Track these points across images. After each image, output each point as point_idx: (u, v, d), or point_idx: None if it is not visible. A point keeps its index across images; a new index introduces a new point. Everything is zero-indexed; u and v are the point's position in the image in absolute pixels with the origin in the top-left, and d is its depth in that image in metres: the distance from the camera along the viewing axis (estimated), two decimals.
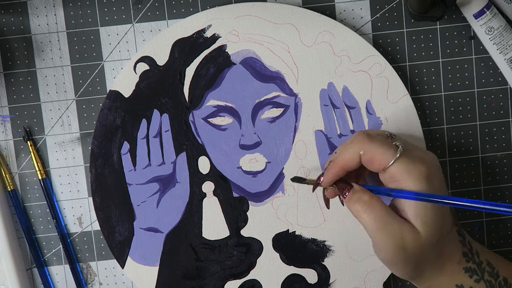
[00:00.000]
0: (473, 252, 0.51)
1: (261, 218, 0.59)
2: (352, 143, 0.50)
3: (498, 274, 0.51)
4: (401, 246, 0.48)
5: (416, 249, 0.48)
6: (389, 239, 0.48)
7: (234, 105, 0.58)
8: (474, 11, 0.56)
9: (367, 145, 0.49)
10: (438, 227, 0.49)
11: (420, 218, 0.48)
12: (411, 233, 0.48)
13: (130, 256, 0.59)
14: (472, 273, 0.50)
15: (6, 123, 0.60)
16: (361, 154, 0.50)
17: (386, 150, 0.49)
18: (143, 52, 0.58)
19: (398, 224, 0.48)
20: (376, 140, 0.50)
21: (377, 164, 0.49)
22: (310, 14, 0.58)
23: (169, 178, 0.59)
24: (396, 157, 0.48)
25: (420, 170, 0.48)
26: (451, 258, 0.50)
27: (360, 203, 0.49)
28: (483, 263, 0.51)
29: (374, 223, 0.49)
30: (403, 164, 0.48)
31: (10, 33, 0.60)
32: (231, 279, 0.59)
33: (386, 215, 0.49)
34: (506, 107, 0.60)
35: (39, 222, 0.60)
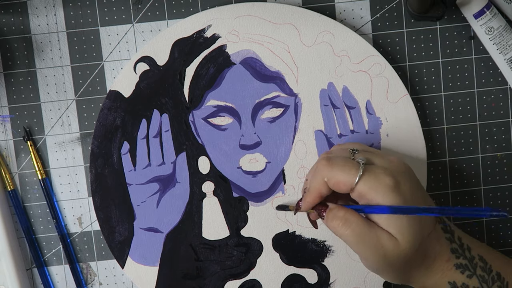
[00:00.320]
0: (464, 248, 0.51)
1: (261, 218, 0.59)
2: (316, 171, 0.51)
3: (491, 269, 0.51)
4: (382, 254, 0.49)
5: (398, 256, 0.49)
6: (370, 250, 0.49)
7: (234, 105, 0.58)
8: (474, 11, 0.56)
9: (328, 171, 0.50)
10: (416, 233, 0.49)
11: (394, 228, 0.48)
12: (390, 241, 0.48)
13: (130, 256, 0.59)
14: (463, 269, 0.50)
15: (6, 123, 0.60)
16: (326, 180, 0.50)
17: (348, 171, 0.49)
18: (143, 52, 0.58)
19: (375, 234, 0.49)
20: (336, 163, 0.50)
21: (343, 187, 0.49)
22: (310, 14, 0.58)
23: (169, 178, 0.59)
24: (359, 175, 0.49)
25: (385, 183, 0.48)
26: (439, 257, 0.50)
27: (336, 220, 0.50)
28: (475, 258, 0.51)
29: (352, 236, 0.49)
30: (368, 180, 0.49)
31: (10, 33, 0.60)
32: (231, 279, 0.59)
33: (363, 227, 0.49)
34: (506, 107, 0.60)
35: (39, 222, 0.60)
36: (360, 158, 0.50)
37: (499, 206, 0.60)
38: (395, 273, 0.50)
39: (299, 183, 0.59)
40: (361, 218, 0.49)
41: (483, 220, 0.61)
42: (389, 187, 0.48)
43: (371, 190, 0.48)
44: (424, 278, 0.51)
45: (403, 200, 0.48)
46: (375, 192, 0.48)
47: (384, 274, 0.51)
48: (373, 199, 0.48)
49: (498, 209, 0.44)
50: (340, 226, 0.49)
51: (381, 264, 0.49)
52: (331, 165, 0.50)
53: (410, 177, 0.51)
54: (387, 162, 0.51)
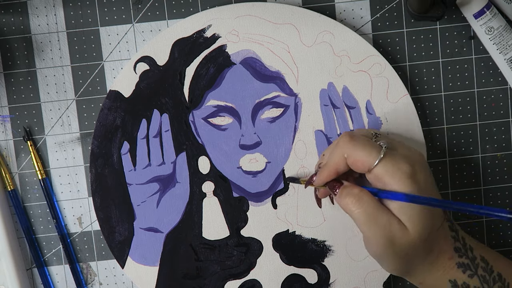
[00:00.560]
0: (467, 247, 0.51)
1: (261, 218, 0.59)
2: (337, 146, 0.51)
3: (492, 269, 0.51)
4: (390, 239, 0.49)
5: (405, 244, 0.49)
6: (378, 232, 0.49)
7: (234, 105, 0.58)
8: (474, 11, 0.56)
9: (350, 148, 0.50)
10: (426, 224, 0.49)
11: (406, 216, 0.49)
12: (400, 227, 0.49)
13: (130, 256, 0.59)
14: (465, 268, 0.50)
15: (6, 123, 0.60)
16: (346, 157, 0.50)
17: (369, 151, 0.49)
18: (143, 52, 0.58)
19: (387, 218, 0.49)
20: (359, 142, 0.50)
21: (361, 166, 0.50)
22: (310, 14, 0.58)
23: (169, 178, 0.59)
24: (380, 158, 0.49)
25: (404, 170, 0.49)
26: (443, 254, 0.50)
27: (349, 197, 0.50)
28: (477, 258, 0.51)
29: (363, 215, 0.49)
30: (387, 165, 0.49)
31: (10, 33, 0.60)
32: (231, 279, 0.59)
33: (376, 208, 0.49)
34: (506, 107, 0.60)
35: (39, 222, 0.60)
36: (383, 142, 0.50)
37: (499, 206, 0.60)
38: (397, 262, 0.50)
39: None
40: (374, 199, 0.49)
41: (483, 219, 0.61)
42: (407, 174, 0.48)
43: (388, 174, 0.48)
44: (426, 273, 0.51)
45: (418, 189, 0.48)
46: (392, 177, 0.48)
47: (385, 261, 0.51)
48: (389, 183, 0.49)
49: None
50: (353, 203, 0.49)
51: (386, 250, 0.49)
52: (354, 142, 0.50)
53: (426, 168, 0.51)
54: (407, 150, 0.51)
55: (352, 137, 0.51)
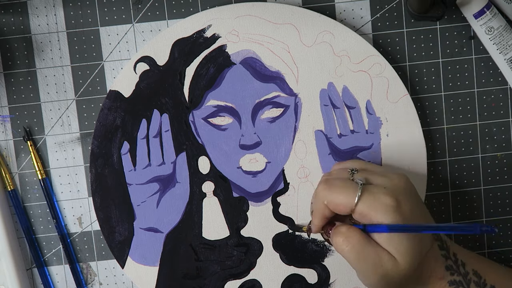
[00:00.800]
0: (458, 263, 0.51)
1: (261, 218, 0.59)
2: (316, 195, 0.52)
3: (485, 283, 0.51)
4: (381, 273, 0.49)
5: (397, 275, 0.49)
6: (369, 268, 0.49)
7: (234, 105, 0.58)
8: (474, 11, 0.56)
9: (327, 194, 0.50)
10: (414, 252, 0.49)
11: (393, 247, 0.48)
12: (390, 260, 0.49)
13: (130, 256, 0.59)
14: (457, 285, 0.50)
15: (6, 123, 0.60)
16: (326, 204, 0.50)
17: (346, 193, 0.49)
18: (143, 52, 0.58)
19: (376, 253, 0.49)
20: (334, 186, 0.50)
21: (343, 209, 0.50)
22: (310, 14, 0.58)
23: (169, 178, 0.59)
24: (358, 196, 0.49)
25: (386, 203, 0.48)
26: (433, 275, 0.50)
27: (338, 236, 0.50)
28: (469, 273, 0.51)
29: (352, 252, 0.49)
30: (367, 201, 0.49)
31: (10, 33, 0.60)
32: (231, 279, 0.59)
33: (364, 244, 0.49)
34: (506, 107, 0.60)
35: (39, 222, 0.60)
36: (359, 179, 0.50)
37: (499, 206, 0.61)
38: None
39: (299, 183, 0.59)
40: (362, 236, 0.49)
41: (483, 220, 0.61)
42: (390, 207, 0.48)
43: (371, 210, 0.48)
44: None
45: (403, 219, 0.48)
46: (375, 212, 0.48)
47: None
48: (374, 218, 0.48)
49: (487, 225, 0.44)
50: (341, 242, 0.49)
51: (379, 283, 0.49)
52: (330, 188, 0.50)
53: (411, 195, 0.51)
54: (388, 180, 0.51)
55: (326, 183, 0.51)
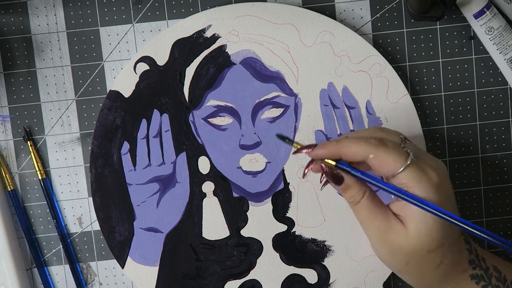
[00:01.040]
0: (479, 258, 0.51)
1: (261, 218, 0.59)
2: (365, 142, 0.48)
3: (505, 278, 0.51)
4: (384, 241, 0.49)
5: (403, 250, 0.48)
6: (374, 232, 0.49)
7: (234, 105, 0.58)
8: (474, 11, 0.56)
9: (379, 150, 0.48)
10: (438, 236, 0.48)
11: (417, 222, 0.48)
12: (399, 231, 0.48)
13: (130, 256, 0.59)
14: (479, 279, 0.50)
15: (6, 123, 0.60)
16: (371, 157, 0.48)
17: (397, 156, 0.48)
18: (143, 52, 0.58)
19: (387, 222, 0.49)
20: (389, 146, 0.48)
21: (386, 170, 0.48)
22: (310, 14, 0.58)
23: (169, 178, 0.59)
24: (406, 165, 0.47)
25: (430, 179, 0.48)
26: (456, 267, 0.50)
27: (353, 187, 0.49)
28: (490, 268, 0.51)
29: (364, 215, 0.49)
30: (413, 171, 0.47)
31: (10, 33, 0.60)
32: (231, 279, 0.59)
33: (378, 211, 0.49)
34: (506, 107, 0.60)
35: (39, 222, 0.60)
36: (410, 150, 0.49)
37: (499, 206, 0.60)
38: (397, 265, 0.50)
39: (299, 183, 0.59)
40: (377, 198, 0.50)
41: (483, 220, 0.61)
42: (434, 184, 0.47)
43: (414, 181, 0.47)
44: (436, 284, 0.50)
45: (441, 200, 0.47)
46: (418, 184, 0.47)
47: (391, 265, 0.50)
48: (412, 190, 0.47)
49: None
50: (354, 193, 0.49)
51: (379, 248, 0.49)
52: (385, 145, 0.48)
53: (450, 182, 0.50)
54: (433, 161, 0.50)
55: (383, 140, 0.49)
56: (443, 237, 0.48)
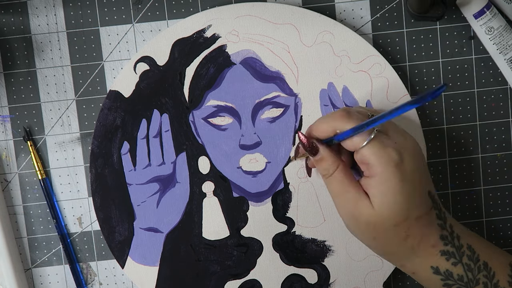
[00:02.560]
0: (454, 235, 0.51)
1: (261, 218, 0.59)
2: (331, 118, 0.51)
3: (478, 258, 0.51)
4: (352, 214, 0.50)
5: (370, 224, 0.50)
6: (344, 205, 0.51)
7: (234, 105, 0.58)
8: (474, 11, 0.56)
9: (344, 123, 0.50)
10: (401, 211, 0.49)
11: (378, 198, 0.49)
12: (366, 207, 0.49)
13: (130, 256, 0.59)
14: (449, 256, 0.50)
15: (6, 123, 0.60)
16: (337, 132, 0.51)
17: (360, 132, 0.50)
18: (143, 52, 0.58)
19: (355, 194, 0.50)
20: (354, 120, 0.50)
21: (350, 144, 0.50)
22: (310, 14, 0.58)
23: (169, 178, 0.59)
24: (369, 139, 0.49)
25: (390, 156, 0.49)
26: (425, 241, 0.50)
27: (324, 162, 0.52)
28: (463, 246, 0.51)
29: (336, 187, 0.51)
30: (375, 148, 0.49)
31: (10, 33, 0.60)
32: (231, 279, 0.59)
33: (349, 184, 0.51)
34: (506, 107, 0.60)
35: (39, 222, 0.60)
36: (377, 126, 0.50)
37: (499, 206, 0.61)
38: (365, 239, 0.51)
39: (299, 183, 0.59)
40: (352, 177, 0.51)
41: (483, 220, 0.61)
42: (393, 161, 0.49)
43: (374, 157, 0.49)
44: (404, 258, 0.51)
45: (402, 177, 0.49)
46: (377, 161, 0.49)
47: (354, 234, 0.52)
48: (373, 166, 0.49)
49: (436, 88, 0.43)
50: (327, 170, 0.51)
51: (349, 223, 0.51)
52: (348, 118, 0.50)
53: (416, 156, 0.51)
54: (399, 137, 0.51)
55: (348, 113, 0.51)
56: (407, 211, 0.49)
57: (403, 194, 0.49)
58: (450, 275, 0.50)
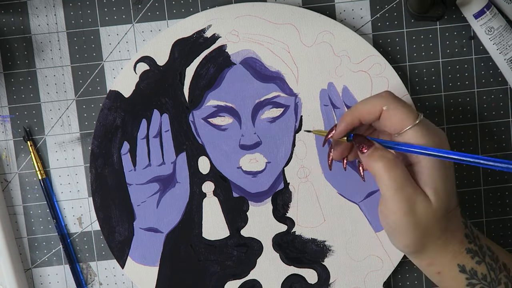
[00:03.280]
0: (475, 235, 0.51)
1: (261, 218, 0.59)
2: (377, 97, 0.50)
3: (498, 259, 0.51)
4: (412, 210, 0.49)
5: (425, 218, 0.49)
6: (403, 201, 0.49)
7: (234, 105, 0.58)
8: (474, 11, 0.56)
9: (392, 102, 0.50)
10: (448, 201, 0.49)
11: (433, 189, 0.49)
12: (424, 201, 0.49)
13: (130, 256, 0.59)
14: (474, 254, 0.50)
15: (6, 123, 0.60)
16: (384, 109, 0.50)
17: (408, 112, 0.49)
18: (143, 52, 0.58)
19: (414, 189, 0.49)
20: (401, 100, 0.50)
21: (396, 123, 0.49)
22: (310, 14, 0.58)
23: (169, 178, 0.59)
24: (416, 122, 0.49)
25: (434, 139, 0.49)
26: (455, 237, 0.50)
27: (383, 161, 0.49)
28: (484, 246, 0.51)
29: (393, 182, 0.49)
30: (421, 130, 0.49)
31: (10, 33, 0.60)
32: (231, 279, 0.59)
33: (405, 178, 0.49)
34: (506, 107, 0.60)
35: (39, 222, 0.60)
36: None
37: (499, 206, 0.60)
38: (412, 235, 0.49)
39: (299, 183, 0.59)
40: (405, 169, 0.50)
41: (483, 220, 0.61)
42: (437, 144, 0.49)
43: (419, 140, 0.49)
44: (436, 254, 0.50)
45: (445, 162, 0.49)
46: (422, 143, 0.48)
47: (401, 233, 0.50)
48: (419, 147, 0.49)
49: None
50: (385, 168, 0.49)
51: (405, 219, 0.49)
52: (396, 99, 0.50)
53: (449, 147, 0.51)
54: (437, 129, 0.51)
55: (394, 94, 0.51)
56: (452, 199, 0.50)
57: (448, 181, 0.49)
58: (474, 273, 0.50)
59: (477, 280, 0.50)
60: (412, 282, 0.61)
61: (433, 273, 0.52)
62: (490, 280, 0.50)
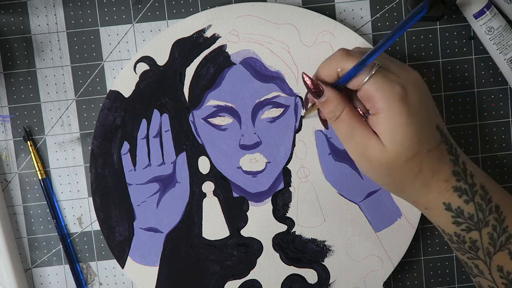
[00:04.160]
0: (467, 173, 0.50)
1: (261, 218, 0.59)
2: (330, 60, 0.51)
3: (490, 200, 0.50)
4: (364, 155, 0.49)
5: (382, 162, 0.49)
6: (354, 146, 0.50)
7: (234, 105, 0.58)
8: (474, 11, 0.56)
9: (344, 62, 0.49)
10: (408, 143, 0.48)
11: (388, 135, 0.48)
12: (376, 145, 0.49)
13: (130, 256, 0.59)
14: (461, 193, 0.49)
15: (6, 123, 0.60)
16: (339, 71, 0.50)
17: None
18: (143, 52, 0.58)
19: (365, 135, 0.49)
20: (354, 57, 0.49)
21: (354, 83, 0.49)
22: (310, 14, 0.58)
23: (169, 178, 0.59)
24: (371, 74, 0.48)
25: (394, 90, 0.48)
26: (437, 175, 0.49)
27: (329, 103, 0.50)
28: (476, 185, 0.50)
29: (344, 130, 0.50)
30: (378, 82, 0.48)
31: (10, 33, 0.60)
32: (231, 279, 0.59)
33: (357, 125, 0.49)
34: (506, 107, 0.60)
35: (39, 222, 0.60)
36: (378, 60, 0.49)
37: None
38: (380, 178, 0.50)
39: (299, 183, 0.59)
40: (359, 118, 0.50)
41: None
42: (397, 94, 0.48)
43: (378, 92, 0.48)
44: (418, 193, 0.50)
45: (408, 111, 0.48)
46: (381, 95, 0.48)
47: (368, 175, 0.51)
48: (378, 102, 0.48)
49: None
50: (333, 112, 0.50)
51: (361, 164, 0.50)
52: (348, 57, 0.49)
53: (422, 90, 0.50)
54: (402, 71, 0.50)
55: (347, 52, 0.50)
56: (417, 145, 0.48)
57: (411, 127, 0.48)
58: (461, 212, 0.49)
59: (463, 219, 0.49)
60: (412, 282, 0.61)
61: (421, 209, 0.52)
62: (477, 221, 0.49)
